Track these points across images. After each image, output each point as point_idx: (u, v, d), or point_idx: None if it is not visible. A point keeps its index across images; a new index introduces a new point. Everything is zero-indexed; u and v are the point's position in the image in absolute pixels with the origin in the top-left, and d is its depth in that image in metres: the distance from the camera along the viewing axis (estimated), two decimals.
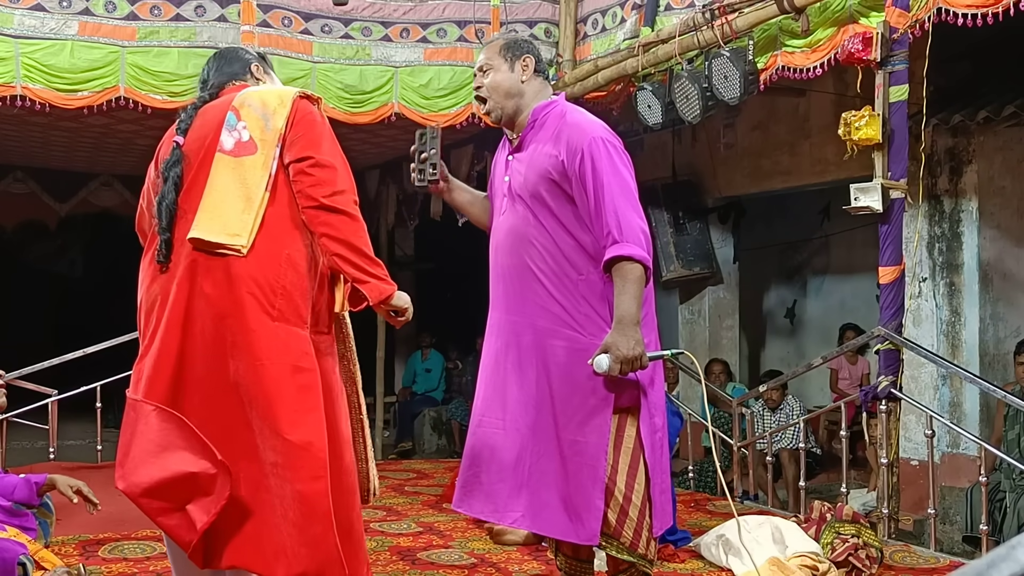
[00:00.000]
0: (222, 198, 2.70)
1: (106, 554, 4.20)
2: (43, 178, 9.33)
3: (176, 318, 2.69)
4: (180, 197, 2.74)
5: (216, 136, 2.75)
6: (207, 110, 2.84)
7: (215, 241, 2.65)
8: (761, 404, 7.34)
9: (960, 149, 6.48)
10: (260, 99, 2.79)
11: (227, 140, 2.74)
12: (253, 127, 2.74)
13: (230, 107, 2.78)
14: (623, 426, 2.87)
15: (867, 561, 3.98)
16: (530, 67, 3.03)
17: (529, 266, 2.91)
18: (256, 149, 2.72)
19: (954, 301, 6.50)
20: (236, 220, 2.67)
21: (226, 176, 2.71)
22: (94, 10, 5.86)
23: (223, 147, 2.74)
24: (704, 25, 5.50)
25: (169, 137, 2.85)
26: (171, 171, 2.75)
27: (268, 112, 2.76)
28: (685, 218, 8.48)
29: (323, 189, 2.69)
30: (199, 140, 2.77)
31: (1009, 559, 0.91)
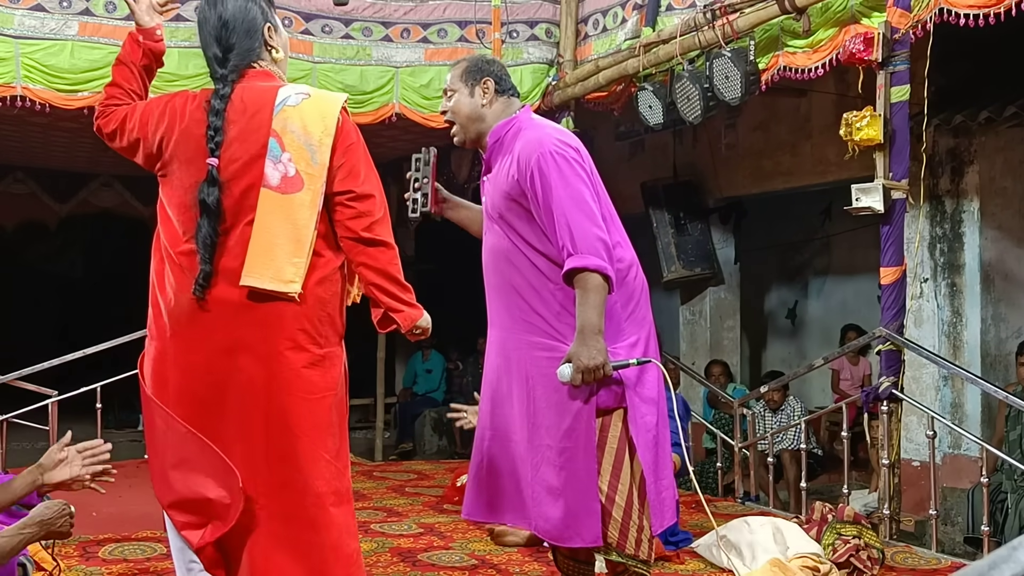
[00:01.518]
0: (272, 240, 2.57)
1: (106, 555, 4.20)
2: (43, 178, 9.33)
3: (217, 348, 2.61)
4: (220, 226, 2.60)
5: (259, 164, 2.60)
6: (239, 118, 2.62)
7: (270, 290, 2.57)
8: (762, 405, 7.34)
9: (961, 149, 6.47)
10: (302, 124, 2.63)
11: (273, 174, 2.60)
12: (298, 159, 2.61)
13: (271, 131, 2.62)
14: (606, 427, 2.88)
15: (868, 562, 3.97)
16: (491, 89, 3.04)
17: (510, 282, 2.95)
18: (303, 185, 2.60)
19: (955, 302, 6.49)
20: (288, 265, 2.58)
21: (274, 215, 2.58)
22: (94, 10, 5.85)
23: (269, 182, 2.59)
24: (705, 25, 5.49)
25: (186, 127, 2.63)
26: (209, 197, 2.56)
27: (313, 143, 2.63)
28: (686, 219, 8.48)
29: (362, 222, 2.65)
30: (239, 162, 2.59)
31: (1010, 560, 0.90)
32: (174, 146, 2.61)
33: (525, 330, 2.93)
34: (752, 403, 6.89)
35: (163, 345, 2.65)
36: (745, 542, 4.05)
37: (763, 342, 10.28)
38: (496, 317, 3.04)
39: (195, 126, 2.61)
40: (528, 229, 2.91)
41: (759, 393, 6.62)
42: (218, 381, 2.60)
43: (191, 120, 2.62)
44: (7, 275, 12.16)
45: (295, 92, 2.69)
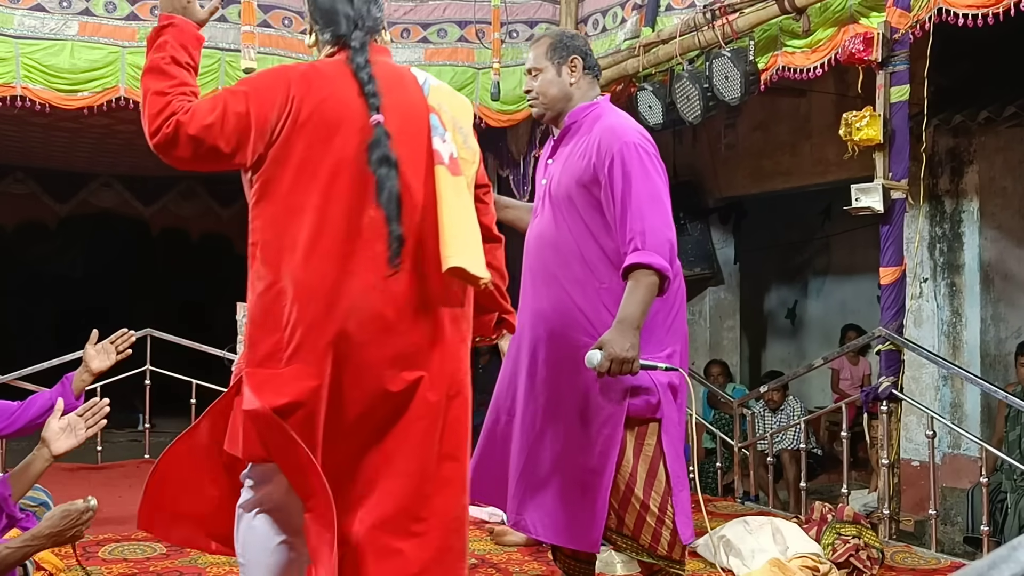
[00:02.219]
0: (459, 220, 2.29)
1: (106, 555, 4.20)
2: (43, 178, 9.33)
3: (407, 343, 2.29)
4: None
5: (427, 139, 2.33)
6: (389, 89, 2.32)
7: (475, 274, 2.25)
8: (762, 405, 7.34)
9: (961, 149, 6.47)
10: (449, 104, 2.42)
11: (443, 151, 2.33)
12: (455, 141, 2.37)
13: (428, 107, 2.36)
14: (642, 435, 2.87)
15: (868, 562, 3.97)
16: (579, 68, 2.99)
17: (553, 271, 2.90)
18: (460, 170, 2.36)
19: (955, 302, 6.49)
20: (476, 250, 2.30)
21: (451, 194, 2.30)
22: (94, 10, 5.85)
23: (442, 159, 2.32)
24: (705, 25, 5.49)
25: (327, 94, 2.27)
26: (384, 150, 2.24)
27: (464, 128, 2.42)
28: (686, 219, 8.47)
29: (492, 218, 2.56)
30: (403, 135, 2.30)
31: (1010, 560, 0.90)
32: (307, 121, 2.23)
33: (559, 321, 2.88)
34: (752, 403, 6.89)
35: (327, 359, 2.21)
36: (745, 542, 4.05)
37: (763, 342, 10.28)
38: (532, 302, 2.98)
39: (340, 91, 2.28)
40: (592, 218, 2.85)
41: (759, 393, 6.62)
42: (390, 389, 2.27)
43: (333, 88, 2.29)
44: (7, 275, 12.16)
45: (427, 75, 2.48)
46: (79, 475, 5.70)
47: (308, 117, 2.23)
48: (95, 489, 3.70)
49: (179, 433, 2.47)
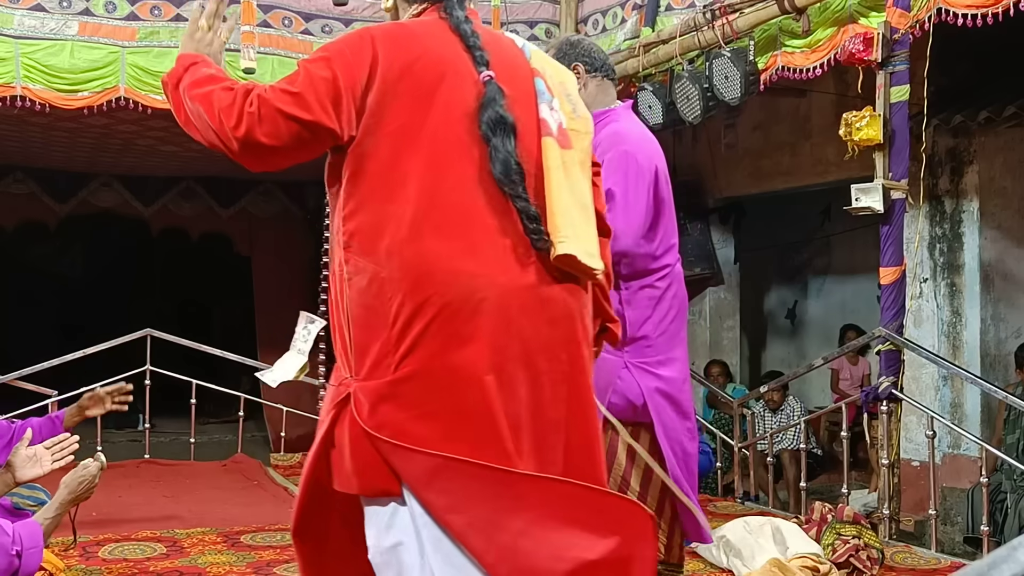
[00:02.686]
0: (569, 201, 1.96)
1: (106, 555, 4.20)
2: (43, 178, 9.33)
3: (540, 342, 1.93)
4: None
5: (533, 106, 2.00)
6: (490, 47, 2.00)
7: (589, 266, 1.94)
8: (762, 405, 7.34)
9: (961, 150, 6.47)
10: (552, 68, 2.10)
11: (551, 120, 2.00)
12: (563, 109, 2.03)
13: (533, 70, 2.05)
14: (634, 436, 2.89)
15: (868, 562, 3.97)
16: (581, 74, 2.95)
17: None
18: (570, 143, 2.00)
19: (955, 302, 6.49)
20: (588, 236, 1.97)
21: (560, 172, 1.96)
22: (94, 10, 5.85)
23: (549, 129, 1.98)
24: (705, 25, 5.50)
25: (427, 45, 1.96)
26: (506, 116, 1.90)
27: (571, 94, 2.10)
28: (686, 219, 8.46)
29: (602, 204, 2.16)
30: (517, 97, 1.97)
31: (1010, 560, 0.90)
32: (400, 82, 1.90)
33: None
34: (752, 403, 6.89)
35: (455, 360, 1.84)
36: (745, 542, 4.05)
37: (763, 342, 10.27)
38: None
39: (437, 47, 1.97)
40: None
41: (759, 393, 6.62)
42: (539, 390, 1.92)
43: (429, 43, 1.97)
44: (7, 275, 12.16)
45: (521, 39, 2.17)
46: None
47: (400, 77, 1.90)
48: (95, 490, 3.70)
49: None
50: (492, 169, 1.88)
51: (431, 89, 1.90)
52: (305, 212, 10.63)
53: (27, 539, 2.85)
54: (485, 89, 1.92)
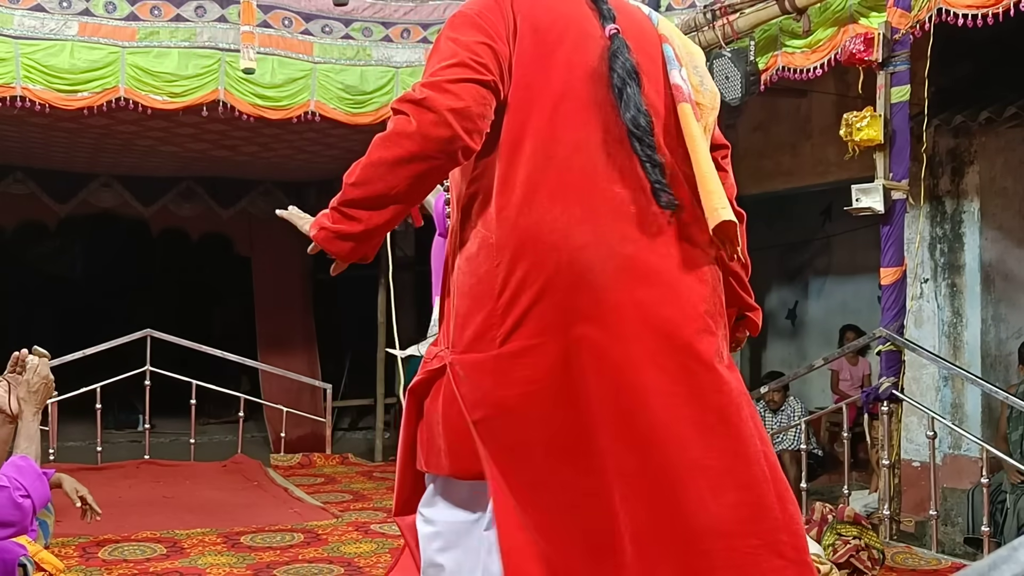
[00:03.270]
0: (712, 170, 1.81)
1: (106, 556, 4.20)
2: (43, 179, 9.33)
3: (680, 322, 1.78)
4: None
5: (663, 71, 1.87)
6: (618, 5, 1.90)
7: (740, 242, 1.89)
8: (762, 405, 7.33)
9: (962, 150, 6.47)
10: (681, 40, 1.97)
11: (684, 86, 1.86)
12: (691, 80, 1.90)
13: (661, 36, 1.92)
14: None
15: (869, 562, 3.96)
16: None
17: None
18: (698, 114, 1.85)
19: (956, 302, 6.49)
20: (727, 206, 1.82)
21: (702, 141, 1.83)
22: (94, 11, 5.85)
23: (684, 95, 1.85)
24: (705, 25, 5.49)
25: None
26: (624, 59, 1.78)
27: (699, 66, 1.97)
28: None
29: (733, 190, 2.02)
30: (644, 60, 1.84)
31: (1011, 560, 0.90)
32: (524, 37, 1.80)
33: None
34: None
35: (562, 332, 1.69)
36: None
37: (763, 342, 10.26)
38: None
39: (561, 4, 1.87)
40: None
41: (759, 393, 6.61)
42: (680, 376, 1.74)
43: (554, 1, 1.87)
44: (7, 275, 12.16)
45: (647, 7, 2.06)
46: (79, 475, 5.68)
47: (526, 36, 1.79)
48: (95, 489, 3.71)
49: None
50: (623, 117, 1.73)
51: (553, 47, 1.80)
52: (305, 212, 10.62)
53: (25, 476, 2.80)
54: (611, 42, 1.80)
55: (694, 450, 1.67)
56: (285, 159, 8.37)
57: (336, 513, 5.21)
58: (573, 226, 1.70)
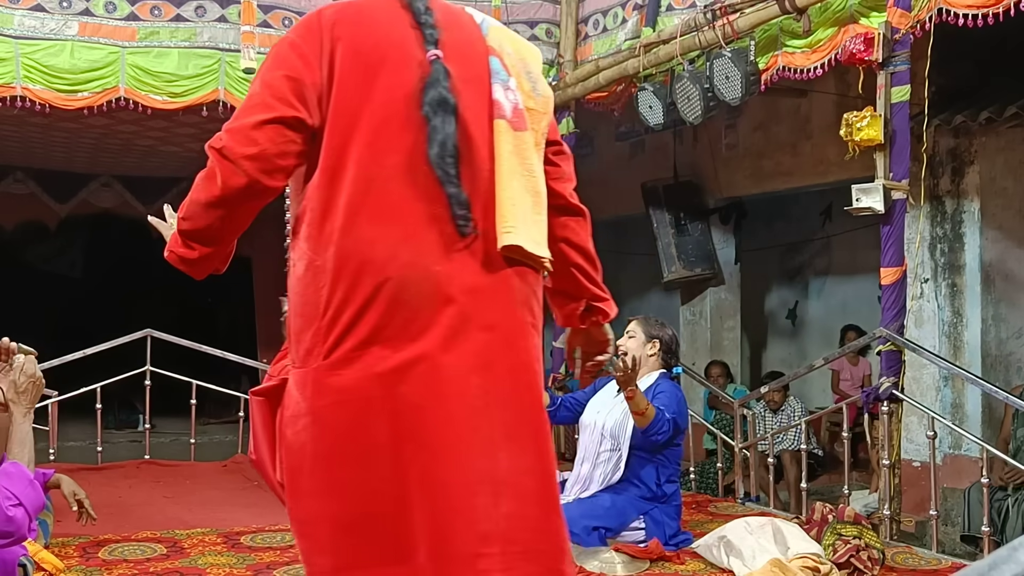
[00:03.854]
0: (519, 190, 1.89)
1: (106, 555, 4.20)
2: (43, 179, 9.34)
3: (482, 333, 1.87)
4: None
5: (486, 87, 1.91)
6: (446, 24, 1.93)
7: (536, 254, 1.90)
8: (763, 405, 7.33)
9: (962, 150, 6.47)
10: (513, 47, 2.01)
11: (504, 102, 1.91)
12: (520, 88, 1.95)
13: (488, 48, 1.96)
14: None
15: (869, 562, 3.96)
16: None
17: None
18: (527, 124, 1.93)
19: (956, 302, 6.49)
20: (535, 224, 1.92)
21: (512, 158, 1.89)
22: (94, 11, 5.85)
23: (503, 111, 1.90)
24: (705, 25, 5.49)
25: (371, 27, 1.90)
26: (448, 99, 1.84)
27: (531, 71, 2.01)
28: (686, 219, 8.47)
29: (569, 184, 2.10)
30: (467, 78, 1.90)
31: (1011, 560, 0.90)
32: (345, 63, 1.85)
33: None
34: (752, 403, 6.89)
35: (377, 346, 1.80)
36: (745, 542, 4.04)
37: (763, 342, 10.27)
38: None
39: (385, 23, 1.91)
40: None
41: (759, 394, 6.61)
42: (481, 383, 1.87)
43: (377, 21, 1.91)
44: (7, 275, 12.17)
45: (489, 17, 2.08)
46: (79, 476, 5.68)
47: (346, 59, 1.84)
48: (96, 489, 3.71)
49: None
50: (428, 151, 1.82)
51: (374, 71, 1.85)
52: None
53: (15, 483, 2.75)
54: (430, 69, 1.86)
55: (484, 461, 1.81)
56: None
57: None
58: (391, 247, 1.80)
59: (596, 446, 4.45)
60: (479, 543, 1.78)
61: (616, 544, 4.16)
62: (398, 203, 1.82)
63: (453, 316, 1.81)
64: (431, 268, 1.81)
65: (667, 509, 4.40)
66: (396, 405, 1.79)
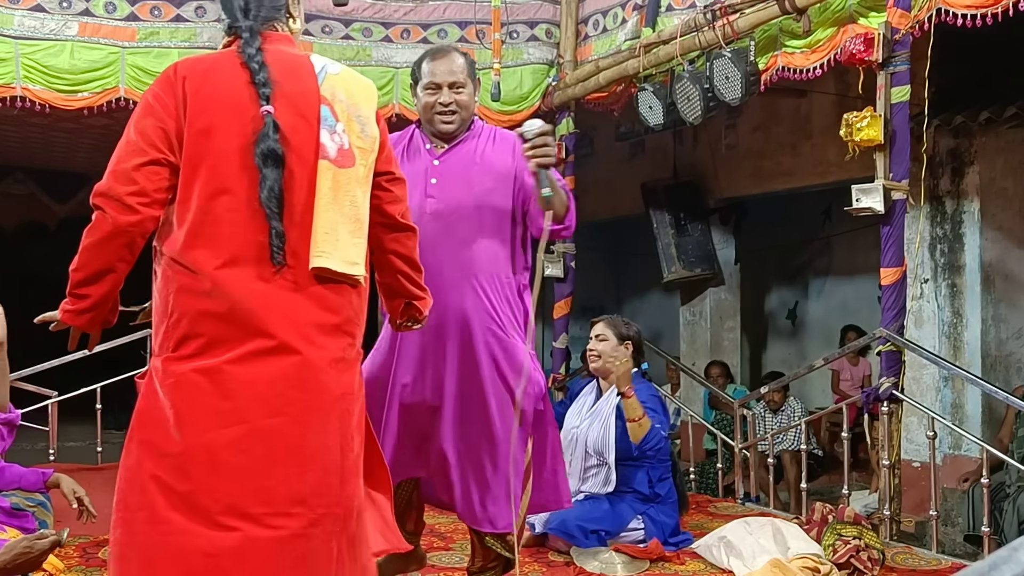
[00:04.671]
0: (335, 219, 2.34)
1: (106, 555, 4.19)
2: (43, 179, 9.34)
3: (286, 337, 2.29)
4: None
5: (315, 133, 2.34)
6: (282, 78, 2.34)
7: (344, 273, 2.33)
8: (762, 406, 7.33)
9: (962, 150, 6.47)
10: (348, 93, 2.42)
11: (330, 145, 2.34)
12: (350, 130, 2.39)
13: (321, 97, 2.36)
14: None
15: (869, 563, 3.97)
16: (479, 89, 3.35)
17: (467, 267, 3.12)
18: (355, 160, 2.38)
19: (956, 302, 6.49)
20: (351, 247, 2.36)
21: (331, 193, 2.34)
22: (94, 11, 5.85)
23: (327, 153, 2.33)
24: (705, 26, 5.49)
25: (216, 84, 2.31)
26: (277, 149, 2.26)
27: (362, 115, 2.43)
28: (686, 219, 8.47)
29: (399, 206, 2.54)
30: (292, 129, 2.31)
31: (1011, 560, 0.90)
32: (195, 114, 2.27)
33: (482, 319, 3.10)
34: (752, 404, 6.89)
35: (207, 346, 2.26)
36: (745, 543, 4.04)
37: (763, 343, 10.27)
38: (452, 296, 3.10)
39: (228, 81, 2.30)
40: (507, 213, 3.15)
41: (759, 394, 6.61)
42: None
43: (220, 78, 2.31)
44: (7, 276, 12.15)
45: (332, 63, 2.47)
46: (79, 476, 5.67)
47: (193, 108, 2.27)
48: (95, 489, 3.71)
49: None
50: (260, 194, 2.24)
51: (216, 122, 2.27)
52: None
53: None
54: (263, 124, 2.25)
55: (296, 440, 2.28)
56: None
57: None
58: (221, 268, 2.25)
59: (581, 462, 4.47)
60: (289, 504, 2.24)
61: (616, 544, 4.17)
62: (229, 233, 2.25)
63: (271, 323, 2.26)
64: (252, 286, 2.26)
65: (663, 508, 4.40)
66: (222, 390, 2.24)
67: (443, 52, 3.29)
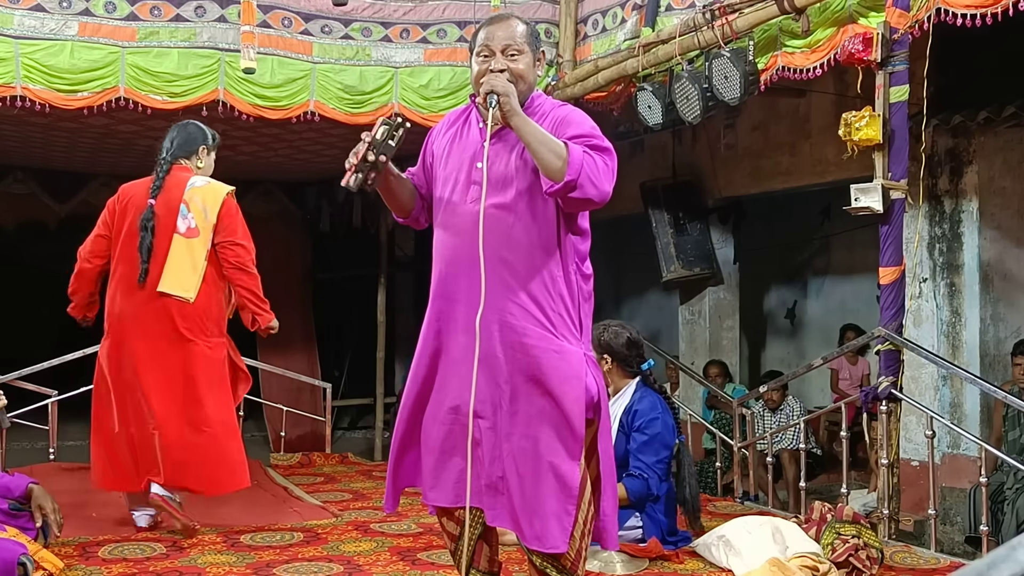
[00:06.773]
0: (179, 266, 4.49)
1: (106, 555, 4.20)
2: (43, 178, 9.33)
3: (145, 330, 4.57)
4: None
5: (174, 218, 4.50)
6: (169, 187, 4.55)
7: (176, 295, 4.49)
8: (761, 405, 7.34)
9: (960, 150, 6.48)
10: (201, 197, 4.54)
11: (181, 225, 4.51)
12: (197, 217, 4.51)
13: (183, 199, 4.51)
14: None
15: (867, 562, 3.97)
16: (543, 63, 2.94)
17: (505, 258, 2.74)
18: (199, 233, 4.52)
19: (954, 302, 6.50)
20: (188, 280, 4.50)
21: (181, 250, 4.50)
22: (94, 11, 5.85)
23: (179, 230, 4.51)
24: (704, 25, 5.50)
25: (134, 193, 4.62)
26: (149, 223, 4.49)
27: (207, 208, 4.52)
28: (685, 219, 8.48)
29: (237, 258, 4.58)
30: (164, 214, 4.50)
31: (1009, 560, 0.91)
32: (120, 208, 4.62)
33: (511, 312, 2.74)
34: (751, 403, 6.90)
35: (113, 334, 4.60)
36: (744, 542, 4.05)
37: (762, 342, 10.28)
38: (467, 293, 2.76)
39: (140, 191, 4.61)
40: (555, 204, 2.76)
41: (758, 393, 6.62)
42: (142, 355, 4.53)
43: (140, 191, 4.62)
44: (7, 275, 12.16)
45: (201, 180, 4.61)
46: (79, 476, 5.70)
47: (121, 206, 4.62)
48: (94, 490, 3.70)
49: None
50: (139, 248, 4.46)
51: (129, 209, 4.57)
52: (304, 212, 10.62)
53: None
54: (147, 209, 4.49)
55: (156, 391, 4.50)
56: (284, 159, 8.37)
57: (336, 512, 5.22)
58: (119, 296, 4.56)
59: None
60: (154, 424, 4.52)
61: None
62: (124, 272, 4.52)
63: (137, 325, 4.51)
64: (128, 299, 4.51)
65: (661, 506, 4.41)
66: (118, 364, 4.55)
67: (501, 17, 2.90)
